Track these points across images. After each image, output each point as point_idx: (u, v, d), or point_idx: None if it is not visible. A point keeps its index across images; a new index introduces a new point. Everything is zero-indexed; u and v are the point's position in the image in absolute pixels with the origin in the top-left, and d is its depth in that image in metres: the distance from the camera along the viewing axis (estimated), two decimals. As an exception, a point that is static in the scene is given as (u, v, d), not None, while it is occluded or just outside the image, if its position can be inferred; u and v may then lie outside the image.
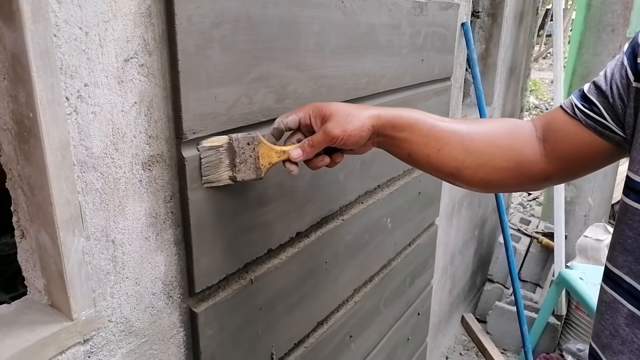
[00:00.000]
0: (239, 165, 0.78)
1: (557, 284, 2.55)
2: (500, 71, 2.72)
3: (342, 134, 0.76)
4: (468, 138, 0.78)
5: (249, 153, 0.78)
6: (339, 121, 0.76)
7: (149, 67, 0.70)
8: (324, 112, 0.78)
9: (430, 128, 0.78)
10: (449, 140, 0.78)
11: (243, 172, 0.78)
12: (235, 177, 0.78)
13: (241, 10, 0.80)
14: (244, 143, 0.77)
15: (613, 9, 2.98)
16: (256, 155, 0.78)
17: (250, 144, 0.77)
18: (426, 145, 0.78)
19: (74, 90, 0.62)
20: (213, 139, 0.78)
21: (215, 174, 0.78)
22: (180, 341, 0.85)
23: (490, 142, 0.78)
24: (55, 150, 0.60)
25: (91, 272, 0.68)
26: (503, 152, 0.78)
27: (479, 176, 0.79)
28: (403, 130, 0.78)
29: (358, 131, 0.76)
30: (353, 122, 0.76)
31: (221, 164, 0.78)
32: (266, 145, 0.78)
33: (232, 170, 0.78)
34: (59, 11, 0.58)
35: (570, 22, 10.12)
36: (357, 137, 0.77)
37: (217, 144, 0.77)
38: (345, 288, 1.31)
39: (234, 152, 0.77)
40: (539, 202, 5.05)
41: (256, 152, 0.78)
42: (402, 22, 1.29)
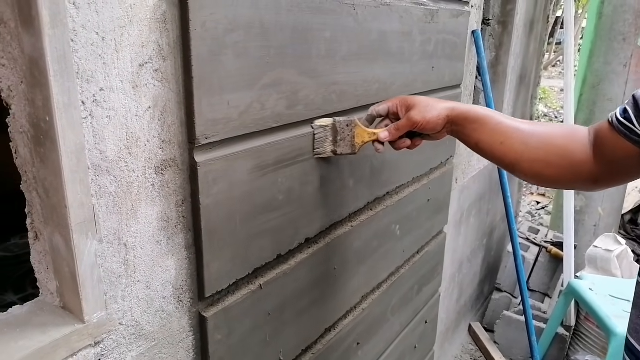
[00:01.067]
0: (340, 142, 0.98)
1: (566, 294, 2.53)
2: (510, 79, 2.72)
3: (422, 120, 0.92)
4: (528, 135, 0.88)
5: (347, 133, 0.98)
6: (420, 110, 0.92)
7: (163, 72, 0.71)
8: (408, 102, 0.94)
9: (497, 124, 0.90)
10: (511, 135, 0.88)
11: (342, 147, 0.99)
12: (336, 151, 1.00)
13: (254, 16, 0.81)
14: (344, 125, 0.98)
15: (624, 18, 2.97)
16: (352, 135, 0.98)
17: (349, 126, 0.98)
18: (491, 138, 0.90)
19: (90, 95, 0.62)
20: (322, 120, 0.99)
21: (322, 147, 1.00)
22: (190, 345, 0.85)
23: (547, 141, 0.87)
24: (70, 154, 0.61)
25: (103, 275, 0.68)
26: (558, 151, 0.86)
27: (534, 170, 0.87)
28: (473, 122, 0.91)
29: (435, 119, 0.91)
30: (431, 111, 0.92)
31: (327, 140, 0.99)
32: (361, 127, 0.97)
33: (334, 145, 0.99)
34: (76, 16, 0.59)
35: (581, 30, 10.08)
36: (434, 124, 0.92)
37: (325, 124, 0.98)
38: (354, 295, 1.31)
39: (337, 131, 0.98)
40: (548, 212, 5.02)
41: (353, 132, 0.98)
42: (413, 29, 1.29)
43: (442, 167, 1.72)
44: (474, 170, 2.37)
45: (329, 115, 1.04)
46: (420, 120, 0.92)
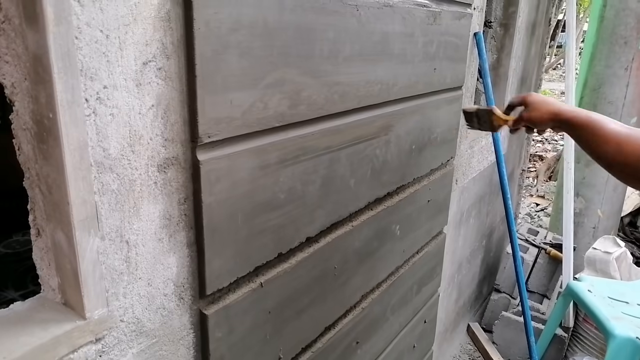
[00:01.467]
0: (482, 123, 1.34)
1: (565, 295, 2.53)
2: (512, 81, 2.72)
3: (529, 119, 1.17)
4: (624, 140, 0.96)
5: (486, 118, 1.31)
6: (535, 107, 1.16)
7: (167, 71, 0.71)
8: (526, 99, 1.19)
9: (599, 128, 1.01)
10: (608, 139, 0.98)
11: (484, 126, 1.34)
12: (480, 127, 1.35)
13: (258, 16, 0.81)
14: (484, 112, 1.32)
15: (626, 22, 2.97)
16: (491, 119, 1.29)
17: (488, 113, 1.30)
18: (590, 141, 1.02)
19: (94, 92, 0.63)
20: (469, 107, 1.38)
21: (470, 123, 1.37)
22: (190, 343, 0.85)
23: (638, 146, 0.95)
24: (73, 151, 0.61)
25: (105, 272, 0.69)
26: None
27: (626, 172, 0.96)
28: (576, 128, 1.06)
29: (537, 119, 1.15)
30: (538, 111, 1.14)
31: (473, 120, 1.36)
32: (497, 115, 1.28)
33: (479, 124, 1.35)
34: (81, 14, 0.59)
35: (582, 33, 10.08)
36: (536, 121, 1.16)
37: (472, 110, 1.35)
38: (353, 294, 1.31)
39: (479, 116, 1.34)
40: (547, 213, 5.02)
41: (491, 117, 1.29)
42: (415, 31, 1.29)
43: (442, 168, 1.73)
44: (474, 172, 2.38)
45: (334, 116, 1.04)
46: (532, 117, 1.16)
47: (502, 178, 2.32)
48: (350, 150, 1.14)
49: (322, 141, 1.04)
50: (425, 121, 1.48)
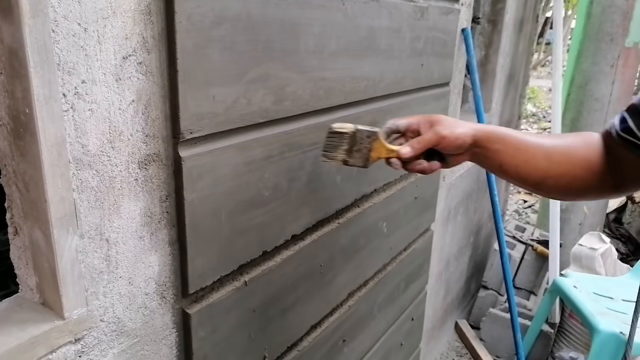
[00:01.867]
0: (354, 152, 0.88)
1: (551, 291, 2.55)
2: (499, 78, 2.73)
3: (450, 135, 0.84)
4: (551, 150, 0.85)
5: (365, 145, 0.88)
6: (447, 126, 0.86)
7: (148, 65, 0.70)
8: (432, 119, 0.87)
9: (520, 142, 0.86)
10: (535, 154, 0.85)
11: (355, 159, 0.89)
12: (347, 161, 0.89)
13: (242, 10, 0.80)
14: (365, 135, 0.88)
15: (612, 19, 2.99)
16: (370, 148, 0.88)
17: (369, 137, 0.88)
18: (515, 157, 0.85)
19: (71, 87, 0.61)
20: (344, 125, 0.87)
21: (333, 154, 0.88)
22: (173, 342, 0.84)
23: (569, 154, 0.85)
24: (51, 147, 0.60)
25: (84, 270, 0.67)
26: (581, 163, 0.84)
27: (561, 185, 0.85)
28: (497, 142, 0.86)
29: (462, 136, 0.85)
30: (459, 128, 0.86)
31: (340, 147, 0.88)
32: (381, 142, 0.88)
33: (347, 155, 0.88)
34: (58, 6, 0.58)
35: (570, 30, 10.16)
36: (461, 142, 0.85)
37: (345, 131, 0.87)
38: (340, 292, 1.30)
39: (355, 141, 0.88)
40: (535, 210, 5.06)
41: (371, 145, 0.88)
42: (402, 26, 1.29)
43: (430, 165, 1.72)
44: (461, 169, 2.38)
45: (320, 112, 1.03)
46: (447, 135, 0.84)
47: (488, 175, 2.33)
48: (337, 146, 1.13)
49: (307, 137, 1.03)
50: (412, 118, 1.48)
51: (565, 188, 0.85)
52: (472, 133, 0.86)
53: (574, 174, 0.84)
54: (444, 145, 0.85)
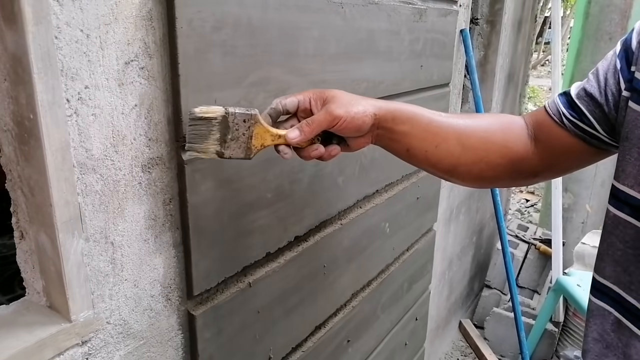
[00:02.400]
0: (230, 141, 0.72)
1: (555, 290, 2.55)
2: (499, 78, 2.73)
3: (346, 115, 0.72)
4: (465, 134, 0.78)
5: (243, 131, 0.72)
6: (342, 103, 0.73)
7: (150, 70, 0.70)
8: (325, 95, 0.75)
9: (429, 122, 0.77)
10: (447, 137, 0.77)
11: (232, 149, 0.72)
12: (222, 153, 0.72)
13: (242, 14, 0.81)
14: (240, 120, 0.72)
15: (611, 18, 3.00)
16: (250, 134, 0.73)
17: (246, 122, 0.72)
18: (424, 141, 0.77)
19: (75, 92, 0.62)
20: (208, 109, 0.70)
21: (202, 145, 0.71)
22: (178, 344, 0.85)
23: (485, 139, 0.78)
24: (55, 152, 0.61)
25: (90, 273, 0.68)
26: (498, 149, 0.78)
27: (474, 172, 0.79)
28: (403, 123, 0.76)
29: (361, 115, 0.73)
30: (356, 106, 0.73)
31: (210, 137, 0.71)
32: (262, 126, 0.74)
33: (221, 146, 0.72)
34: (60, 13, 0.59)
35: (569, 29, 10.17)
36: (360, 122, 0.73)
37: (211, 116, 0.70)
38: (343, 292, 1.31)
39: (228, 127, 0.71)
40: (537, 209, 5.06)
41: (250, 131, 0.73)
42: (401, 28, 1.30)
43: (431, 165, 1.73)
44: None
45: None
46: (342, 115, 0.72)
47: (490, 174, 2.33)
48: (338, 148, 1.14)
49: (309, 139, 1.04)
50: (412, 118, 1.48)
51: (478, 176, 0.79)
52: (373, 111, 0.74)
53: (488, 161, 0.77)
54: (340, 127, 0.73)
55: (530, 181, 0.84)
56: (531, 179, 0.82)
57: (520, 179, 0.83)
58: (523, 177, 0.81)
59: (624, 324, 0.66)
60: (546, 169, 0.78)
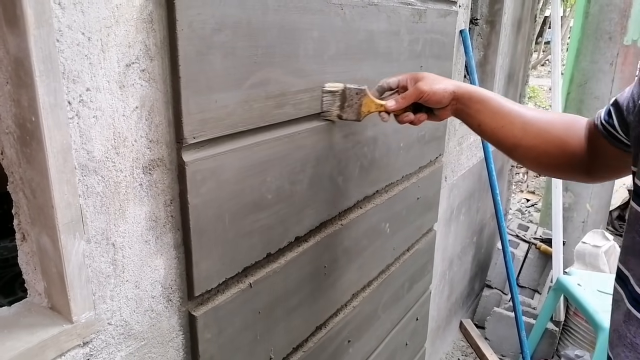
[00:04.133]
0: (346, 108, 1.01)
1: (555, 290, 2.56)
2: (499, 78, 2.74)
3: (429, 90, 0.93)
4: (529, 121, 0.90)
5: (355, 100, 1.00)
6: (427, 82, 0.94)
7: (150, 72, 0.71)
8: (417, 76, 0.97)
9: (500, 106, 0.92)
10: (513, 120, 0.90)
11: (348, 113, 1.02)
12: (341, 116, 1.02)
13: (242, 16, 0.81)
14: (354, 93, 1.00)
15: (610, 17, 3.00)
16: (360, 103, 1.00)
17: (358, 94, 0.99)
18: (493, 120, 0.92)
19: (76, 95, 0.62)
20: (333, 85, 1.01)
21: (329, 111, 1.02)
22: (179, 344, 0.85)
23: (546, 129, 0.89)
24: (57, 154, 0.61)
25: (91, 275, 0.68)
26: (555, 140, 0.88)
27: (531, 155, 0.90)
28: (477, 102, 0.93)
29: (441, 91, 0.93)
30: (438, 84, 0.94)
31: (334, 104, 1.02)
32: (369, 97, 0.99)
33: (341, 110, 1.02)
34: (62, 16, 0.59)
35: (569, 29, 10.16)
36: (440, 97, 0.93)
37: (335, 89, 1.00)
38: (344, 293, 1.31)
39: (345, 97, 1.00)
40: (537, 208, 5.06)
41: (360, 101, 1.00)
42: (400, 29, 1.30)
43: (431, 165, 1.73)
44: (463, 169, 2.39)
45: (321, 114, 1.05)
46: (427, 90, 0.93)
47: (490, 174, 2.34)
48: (338, 148, 1.15)
49: (309, 140, 1.04)
50: (412, 119, 1.49)
51: (534, 160, 0.91)
52: (451, 89, 0.93)
53: (545, 149, 0.88)
54: (424, 99, 0.94)
55: (585, 179, 0.91)
56: (586, 178, 0.90)
57: (575, 174, 0.91)
58: (577, 172, 0.89)
59: (633, 314, 0.67)
60: (597, 170, 0.86)
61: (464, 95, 0.93)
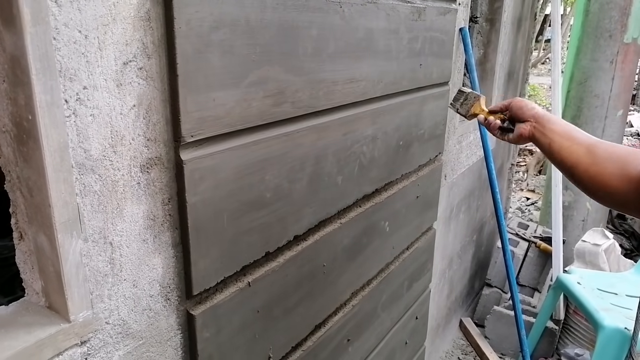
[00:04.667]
0: (463, 105, 1.24)
1: (555, 288, 2.55)
2: (499, 76, 2.73)
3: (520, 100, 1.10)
4: (595, 144, 0.95)
5: (471, 102, 1.23)
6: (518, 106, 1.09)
7: (148, 71, 0.70)
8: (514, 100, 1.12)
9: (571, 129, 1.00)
10: (579, 140, 0.97)
11: (462, 109, 1.25)
12: (457, 109, 1.26)
13: (240, 14, 0.81)
14: (472, 96, 1.23)
15: (610, 15, 2.99)
16: (472, 104, 1.23)
17: (475, 98, 1.23)
18: (562, 137, 0.99)
19: (73, 93, 0.62)
20: (464, 88, 1.28)
21: (454, 104, 1.27)
22: (178, 344, 0.85)
23: (610, 149, 0.92)
24: (54, 153, 0.61)
25: (89, 274, 0.68)
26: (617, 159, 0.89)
27: (590, 173, 0.92)
28: (553, 123, 1.02)
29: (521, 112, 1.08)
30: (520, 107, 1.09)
31: (458, 100, 1.26)
32: (480, 103, 1.21)
33: (460, 106, 1.25)
34: (58, 14, 0.59)
35: (569, 27, 10.15)
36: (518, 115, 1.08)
37: (464, 90, 1.26)
38: (343, 291, 1.31)
39: (467, 98, 1.24)
40: (537, 207, 5.05)
41: (473, 102, 1.23)
42: (400, 27, 1.30)
43: (430, 164, 1.73)
44: (462, 167, 2.39)
45: (319, 113, 1.04)
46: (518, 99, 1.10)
47: (490, 173, 2.33)
48: (337, 147, 1.14)
49: (308, 139, 1.04)
50: (412, 117, 1.48)
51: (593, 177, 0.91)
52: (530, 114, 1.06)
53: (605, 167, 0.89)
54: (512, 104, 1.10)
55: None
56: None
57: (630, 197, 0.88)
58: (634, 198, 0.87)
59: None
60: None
61: (543, 116, 1.05)
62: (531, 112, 1.06)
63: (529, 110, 1.07)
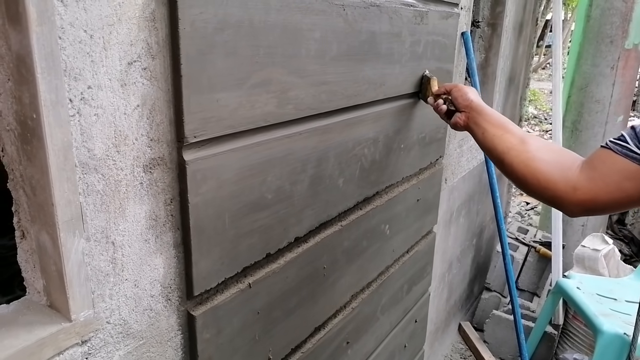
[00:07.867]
0: (422, 89, 1.37)
1: (555, 293, 2.55)
2: (500, 81, 2.73)
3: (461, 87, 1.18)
4: (527, 136, 0.99)
5: (425, 85, 1.36)
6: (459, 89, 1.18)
7: (152, 71, 0.71)
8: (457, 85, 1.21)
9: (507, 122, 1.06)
10: (513, 131, 1.02)
11: (422, 94, 1.38)
12: (419, 96, 1.40)
13: (244, 16, 0.81)
14: (426, 80, 1.36)
15: (612, 21, 3.00)
16: (426, 87, 1.35)
17: (427, 81, 1.35)
18: (495, 127, 1.04)
19: (78, 92, 0.62)
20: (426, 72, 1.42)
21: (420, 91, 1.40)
22: (178, 344, 0.85)
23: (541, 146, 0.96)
24: (57, 152, 0.61)
25: (90, 273, 0.68)
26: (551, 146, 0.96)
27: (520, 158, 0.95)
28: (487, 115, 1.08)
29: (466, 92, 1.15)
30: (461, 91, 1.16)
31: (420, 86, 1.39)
32: (431, 86, 1.32)
33: (421, 91, 1.38)
34: (64, 14, 0.59)
35: (570, 33, 10.17)
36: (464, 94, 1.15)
37: (424, 74, 1.40)
38: (343, 294, 1.31)
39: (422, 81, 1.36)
40: (537, 212, 5.05)
41: (426, 86, 1.34)
42: (402, 30, 1.30)
43: (431, 168, 1.73)
44: (463, 171, 2.39)
45: (321, 115, 1.05)
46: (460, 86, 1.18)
47: (490, 177, 2.34)
48: (339, 149, 1.15)
49: (310, 141, 1.04)
50: (413, 120, 1.49)
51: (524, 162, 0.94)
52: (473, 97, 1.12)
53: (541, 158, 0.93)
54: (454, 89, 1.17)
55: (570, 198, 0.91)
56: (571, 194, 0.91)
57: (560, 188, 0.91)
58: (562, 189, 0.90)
59: None
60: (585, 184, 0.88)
61: (477, 107, 1.11)
62: (466, 102, 1.12)
63: (465, 100, 1.12)
